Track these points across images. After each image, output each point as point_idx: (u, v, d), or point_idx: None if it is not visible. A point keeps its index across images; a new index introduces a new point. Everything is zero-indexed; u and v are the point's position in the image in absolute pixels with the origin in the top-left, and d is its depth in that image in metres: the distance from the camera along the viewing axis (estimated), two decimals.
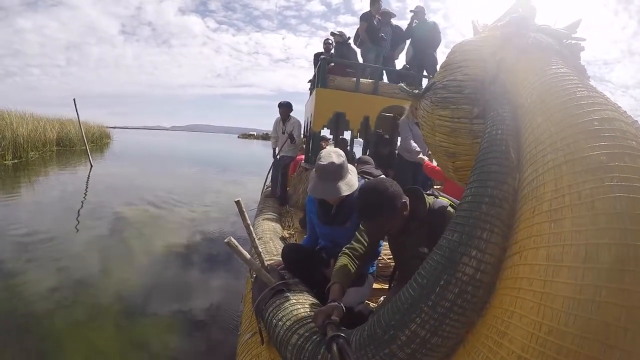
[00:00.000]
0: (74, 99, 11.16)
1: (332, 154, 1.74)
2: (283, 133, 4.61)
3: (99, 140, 18.55)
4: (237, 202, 1.63)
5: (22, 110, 12.72)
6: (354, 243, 1.46)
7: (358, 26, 4.92)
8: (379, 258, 2.11)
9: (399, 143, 4.06)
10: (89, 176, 8.96)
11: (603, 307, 0.59)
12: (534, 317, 0.65)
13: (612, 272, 0.60)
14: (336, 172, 1.69)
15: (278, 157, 4.71)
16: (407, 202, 1.31)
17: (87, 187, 7.59)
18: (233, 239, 1.44)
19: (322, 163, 1.70)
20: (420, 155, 3.11)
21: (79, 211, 5.45)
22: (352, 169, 1.82)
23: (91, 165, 10.28)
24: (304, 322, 1.29)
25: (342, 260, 1.40)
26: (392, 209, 1.27)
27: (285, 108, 4.60)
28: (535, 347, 0.63)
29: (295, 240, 2.88)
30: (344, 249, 1.47)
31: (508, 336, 0.69)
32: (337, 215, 1.80)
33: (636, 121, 0.82)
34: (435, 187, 2.86)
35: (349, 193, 1.67)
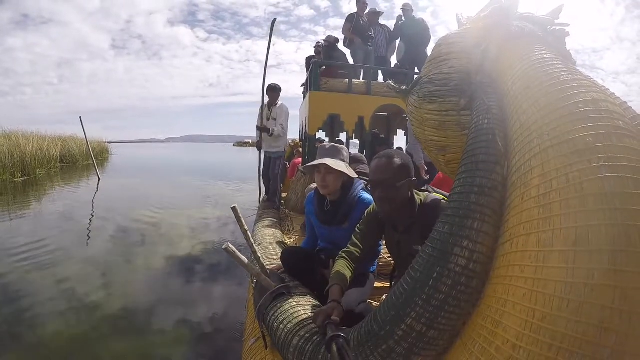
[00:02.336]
0: (80, 117, 11.85)
1: (332, 143, 1.95)
2: (268, 119, 4.16)
3: (99, 155, 18.88)
4: (234, 209, 1.63)
5: (26, 130, 13.17)
6: (350, 247, 1.47)
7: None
8: (380, 257, 2.10)
9: (406, 144, 4.04)
10: (97, 188, 9.56)
11: (596, 289, 0.57)
12: (527, 304, 0.64)
13: (604, 253, 0.59)
14: (329, 150, 1.83)
15: (262, 153, 4.35)
16: (412, 187, 1.33)
17: (94, 200, 8.00)
18: (231, 245, 1.43)
19: (322, 144, 1.92)
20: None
21: (89, 225, 5.64)
22: (351, 170, 1.84)
23: (99, 179, 10.83)
24: (305, 324, 1.28)
25: (339, 263, 1.40)
26: (404, 172, 1.28)
27: (273, 92, 4.14)
28: (529, 334, 0.62)
29: (296, 244, 2.87)
30: (340, 252, 1.47)
31: (502, 325, 0.68)
32: (334, 214, 1.81)
33: (624, 102, 0.81)
34: None
35: (330, 165, 1.71)
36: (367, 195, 1.80)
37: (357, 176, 1.84)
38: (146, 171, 15.55)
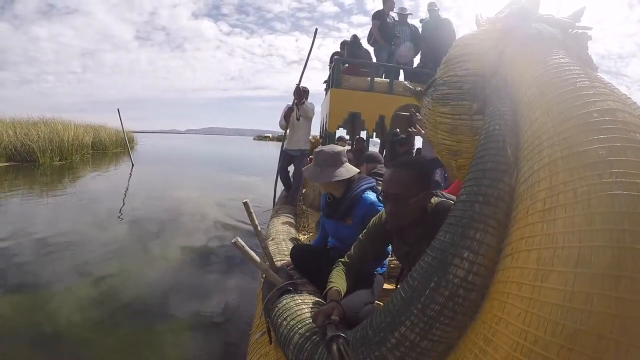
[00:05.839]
0: (118, 109, 13.15)
1: (331, 147, 1.91)
2: (298, 119, 4.07)
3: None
4: (245, 204, 1.66)
5: (61, 118, 14.11)
6: (346, 258, 1.46)
7: (371, 25, 4.92)
8: (390, 258, 2.07)
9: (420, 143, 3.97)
10: (131, 173, 10.64)
11: (594, 316, 0.53)
12: (520, 324, 0.61)
13: (606, 278, 0.54)
14: (322, 159, 1.84)
15: (283, 148, 4.33)
16: (428, 201, 1.23)
17: (129, 184, 8.93)
18: (240, 240, 1.45)
19: (319, 148, 1.91)
20: None
21: (122, 206, 6.15)
22: (350, 168, 1.84)
23: (132, 165, 11.91)
24: (306, 322, 1.29)
25: (335, 271, 1.41)
26: (420, 185, 1.17)
27: (303, 93, 4.07)
28: (519, 357, 0.59)
29: (309, 241, 2.88)
30: (338, 260, 1.47)
31: (493, 344, 0.65)
32: (336, 209, 1.81)
33: None
34: None
35: (319, 179, 1.80)
36: (369, 196, 1.77)
37: (349, 176, 1.80)
38: (171, 160, 16.31)
